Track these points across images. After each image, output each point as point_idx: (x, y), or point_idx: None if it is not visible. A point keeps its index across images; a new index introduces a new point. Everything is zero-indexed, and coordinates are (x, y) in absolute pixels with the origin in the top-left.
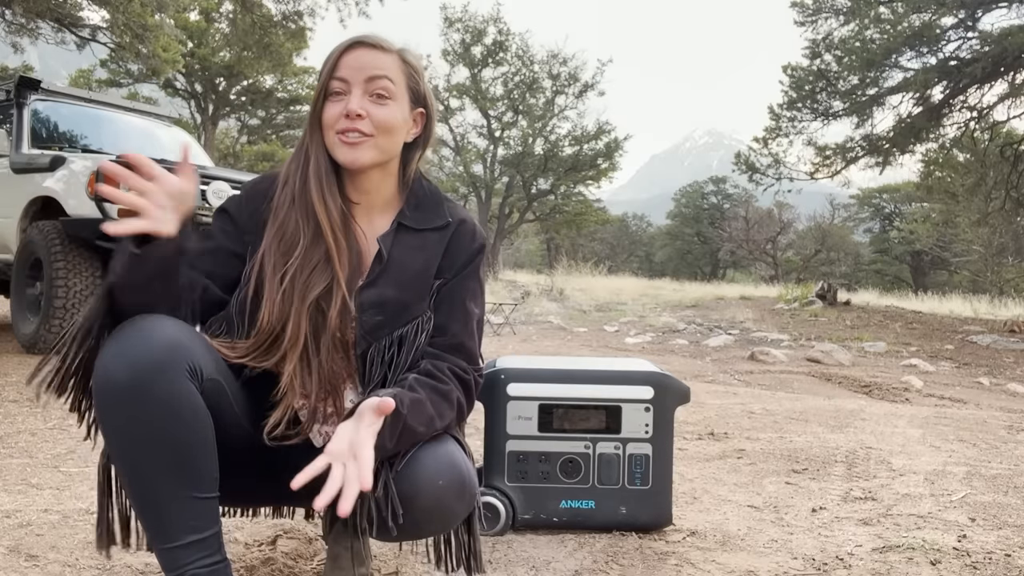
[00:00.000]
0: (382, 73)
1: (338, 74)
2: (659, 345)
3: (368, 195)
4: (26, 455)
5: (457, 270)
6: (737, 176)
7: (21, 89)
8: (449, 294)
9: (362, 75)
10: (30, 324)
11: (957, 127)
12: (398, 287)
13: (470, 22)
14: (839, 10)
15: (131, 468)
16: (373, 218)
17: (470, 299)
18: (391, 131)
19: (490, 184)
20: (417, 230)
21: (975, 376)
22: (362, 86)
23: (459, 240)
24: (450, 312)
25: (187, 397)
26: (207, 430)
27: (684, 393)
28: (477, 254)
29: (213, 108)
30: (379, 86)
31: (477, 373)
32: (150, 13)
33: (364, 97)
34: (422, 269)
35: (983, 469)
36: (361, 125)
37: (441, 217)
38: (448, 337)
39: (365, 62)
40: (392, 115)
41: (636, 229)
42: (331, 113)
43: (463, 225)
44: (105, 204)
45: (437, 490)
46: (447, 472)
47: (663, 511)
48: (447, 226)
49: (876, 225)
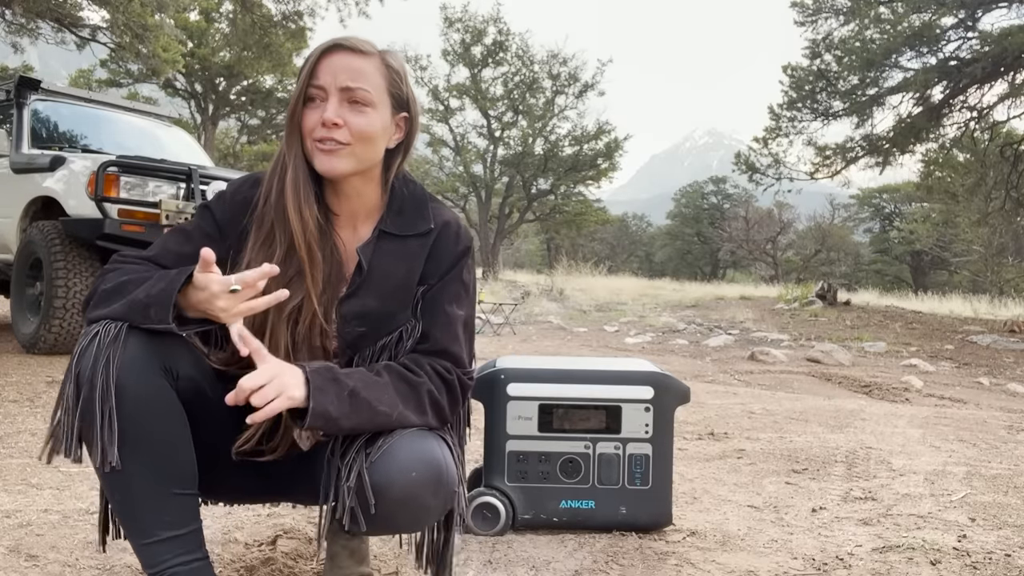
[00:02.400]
0: (360, 80)
1: (316, 80)
2: (659, 345)
3: (350, 202)
4: (26, 455)
5: (441, 275)
6: (737, 176)
7: (21, 89)
8: (431, 299)
9: (340, 82)
10: (30, 324)
11: (957, 127)
12: (380, 297)
13: (470, 22)
14: (839, 10)
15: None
16: (357, 226)
17: (452, 302)
18: (369, 140)
19: (490, 184)
20: (399, 236)
21: (975, 376)
22: (339, 93)
23: (442, 244)
24: (432, 318)
25: (160, 393)
26: (182, 427)
27: (684, 393)
28: (461, 257)
29: (213, 108)
30: (357, 95)
31: (465, 375)
32: (150, 13)
33: (342, 104)
34: (405, 277)
35: (983, 469)
36: (338, 134)
37: (425, 221)
38: (430, 343)
39: (344, 68)
40: (370, 124)
41: (636, 229)
42: (309, 121)
43: (446, 228)
44: (105, 204)
45: (409, 482)
46: (422, 466)
47: (663, 511)
48: (430, 232)
49: (876, 225)
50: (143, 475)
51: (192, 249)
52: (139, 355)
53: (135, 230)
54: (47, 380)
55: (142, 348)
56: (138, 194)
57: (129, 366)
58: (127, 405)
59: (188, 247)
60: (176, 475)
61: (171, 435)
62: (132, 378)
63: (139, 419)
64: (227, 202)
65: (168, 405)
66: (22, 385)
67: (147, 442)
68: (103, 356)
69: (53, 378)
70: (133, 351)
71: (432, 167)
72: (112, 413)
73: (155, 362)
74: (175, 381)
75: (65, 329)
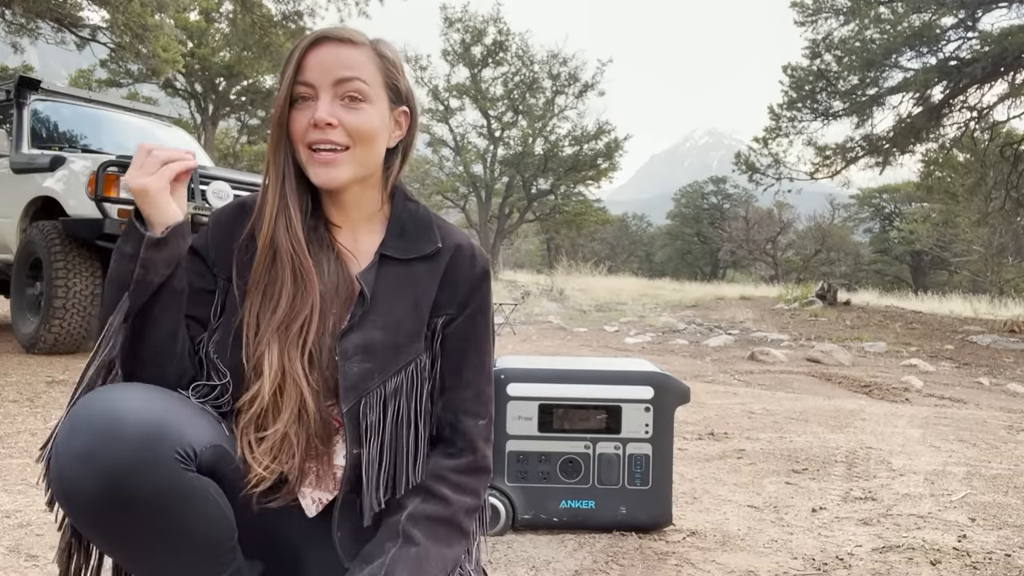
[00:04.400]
0: (353, 73)
1: (303, 77)
2: (659, 345)
3: (350, 214)
4: (26, 455)
5: (462, 304)
6: (737, 176)
7: (21, 89)
8: (459, 334)
9: (330, 76)
10: (30, 324)
11: (957, 127)
12: (385, 328)
13: (470, 22)
14: (839, 10)
15: (133, 568)
16: (359, 238)
17: (484, 337)
18: (369, 139)
19: (490, 184)
20: (404, 260)
21: (975, 376)
22: (331, 89)
23: (457, 269)
24: (463, 355)
25: (182, 488)
26: (215, 508)
27: (684, 393)
28: (481, 281)
29: (213, 108)
30: (351, 88)
31: (486, 426)
32: (150, 13)
33: (334, 102)
34: (413, 305)
35: (983, 469)
36: (333, 135)
37: (431, 242)
38: (463, 386)
39: (333, 60)
40: (368, 121)
41: (636, 229)
42: (299, 124)
43: (459, 251)
44: (105, 204)
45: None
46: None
47: (663, 511)
48: (438, 253)
49: (876, 225)
50: (179, 572)
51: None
52: (143, 455)
53: None
54: (47, 380)
55: (144, 441)
56: None
57: (132, 470)
58: (141, 513)
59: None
60: (217, 558)
61: (206, 523)
62: (141, 484)
63: (158, 525)
64: (209, 231)
65: (197, 497)
66: (22, 385)
67: (174, 543)
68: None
69: (53, 378)
70: (135, 451)
71: (432, 167)
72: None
73: (167, 453)
74: (195, 461)
75: (65, 329)
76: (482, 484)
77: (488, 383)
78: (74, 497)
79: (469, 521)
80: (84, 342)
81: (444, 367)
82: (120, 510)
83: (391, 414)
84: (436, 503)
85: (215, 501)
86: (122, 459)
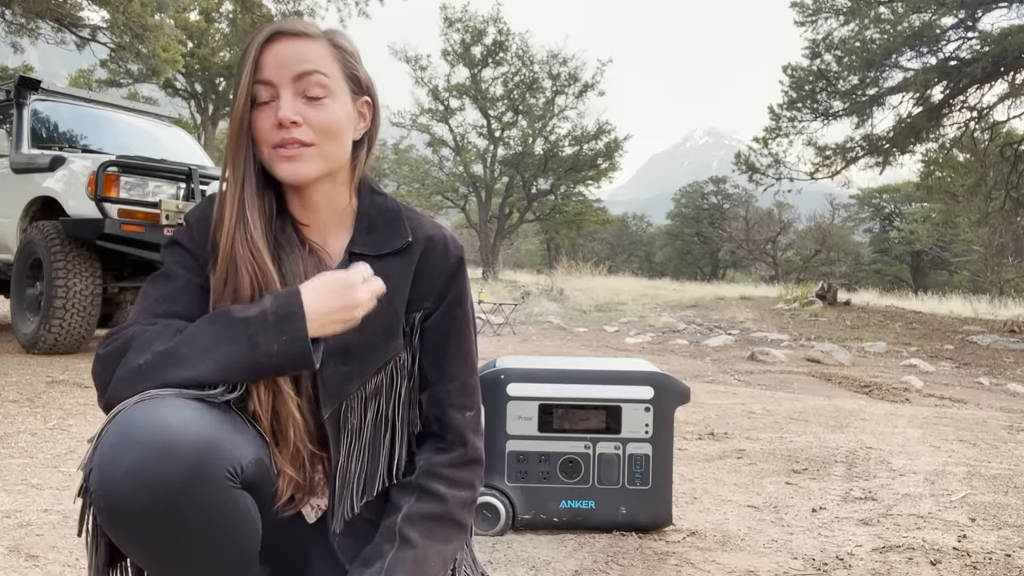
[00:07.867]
0: (312, 66)
1: (261, 76)
2: (659, 345)
3: (319, 213)
4: (26, 455)
5: (439, 296)
6: (737, 176)
7: (21, 89)
8: (438, 327)
9: (289, 72)
10: (30, 324)
11: (957, 127)
12: (361, 328)
13: (470, 22)
14: (839, 10)
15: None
16: (328, 238)
17: (465, 327)
18: (335, 134)
19: (490, 184)
20: (374, 256)
21: (975, 376)
22: (292, 86)
23: (431, 261)
24: (445, 348)
25: (230, 507)
26: (252, 523)
27: (684, 393)
28: (457, 271)
29: (213, 108)
30: (312, 82)
31: (474, 418)
32: (150, 13)
33: (296, 99)
34: (387, 302)
35: (983, 469)
36: (299, 134)
37: (401, 236)
38: (446, 379)
39: (290, 56)
40: (333, 116)
41: (636, 229)
42: (263, 124)
43: (431, 243)
44: (105, 204)
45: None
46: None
47: (663, 511)
48: (409, 247)
49: (876, 225)
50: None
51: (178, 285)
52: (195, 473)
53: (135, 230)
54: (47, 380)
55: (197, 459)
56: (138, 194)
57: (184, 490)
58: (188, 532)
59: (171, 286)
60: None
61: (248, 544)
62: (192, 505)
63: (203, 544)
64: (191, 225)
65: (243, 516)
66: (22, 385)
67: (217, 561)
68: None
69: (53, 378)
70: (188, 468)
71: (432, 167)
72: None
73: (218, 471)
74: (241, 478)
75: (65, 329)
76: (476, 476)
77: (472, 374)
78: (121, 512)
79: (465, 514)
80: (84, 342)
81: (426, 362)
82: (167, 526)
83: (371, 416)
84: (431, 501)
85: (252, 517)
86: (176, 477)
